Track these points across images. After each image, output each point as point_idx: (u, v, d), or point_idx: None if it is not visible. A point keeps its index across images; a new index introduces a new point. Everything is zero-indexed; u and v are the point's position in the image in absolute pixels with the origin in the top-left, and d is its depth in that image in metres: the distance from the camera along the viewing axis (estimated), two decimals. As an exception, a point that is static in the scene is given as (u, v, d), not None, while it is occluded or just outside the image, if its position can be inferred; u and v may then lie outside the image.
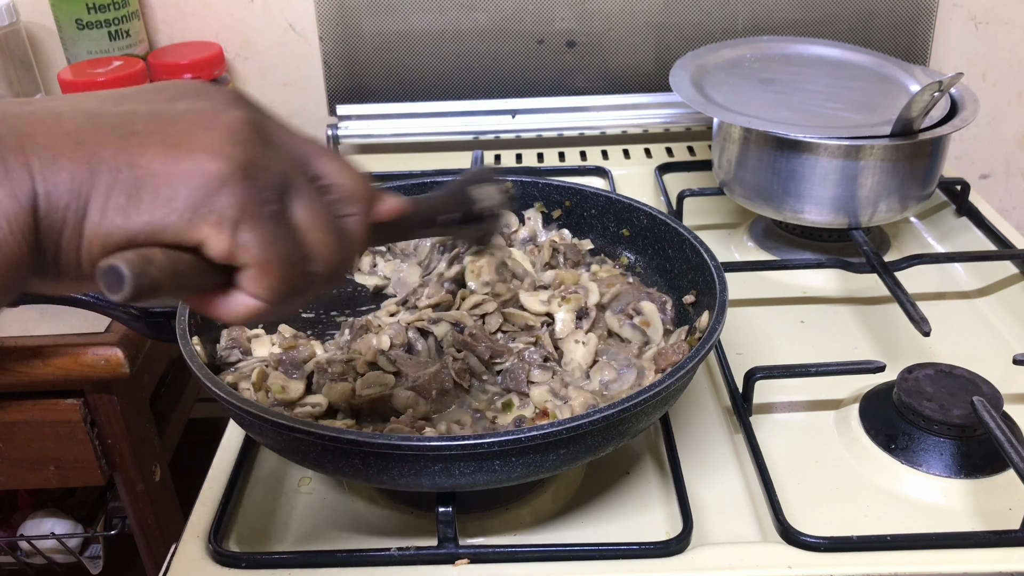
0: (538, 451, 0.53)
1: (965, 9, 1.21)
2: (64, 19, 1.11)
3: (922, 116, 0.83)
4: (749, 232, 1.01)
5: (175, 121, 0.35)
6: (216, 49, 1.17)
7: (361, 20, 1.17)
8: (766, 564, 0.58)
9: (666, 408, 0.63)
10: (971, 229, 0.98)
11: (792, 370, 0.72)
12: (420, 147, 1.20)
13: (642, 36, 1.18)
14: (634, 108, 1.18)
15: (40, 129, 0.33)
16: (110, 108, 0.35)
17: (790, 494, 0.64)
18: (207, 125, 0.36)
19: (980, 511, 0.63)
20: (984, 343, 0.82)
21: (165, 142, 0.35)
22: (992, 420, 0.62)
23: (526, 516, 0.64)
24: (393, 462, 0.53)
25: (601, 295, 0.71)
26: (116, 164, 0.34)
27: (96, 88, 1.00)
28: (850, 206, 0.87)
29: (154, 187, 0.34)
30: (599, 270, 0.76)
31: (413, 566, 0.59)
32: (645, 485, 0.67)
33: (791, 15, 1.17)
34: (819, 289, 0.90)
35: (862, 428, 0.69)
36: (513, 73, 1.20)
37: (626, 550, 0.59)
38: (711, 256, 0.69)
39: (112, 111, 0.35)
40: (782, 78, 0.97)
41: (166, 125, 0.35)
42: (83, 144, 0.33)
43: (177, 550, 0.61)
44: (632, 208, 0.78)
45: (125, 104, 0.36)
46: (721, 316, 0.61)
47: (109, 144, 0.34)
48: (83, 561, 1.06)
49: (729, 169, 0.94)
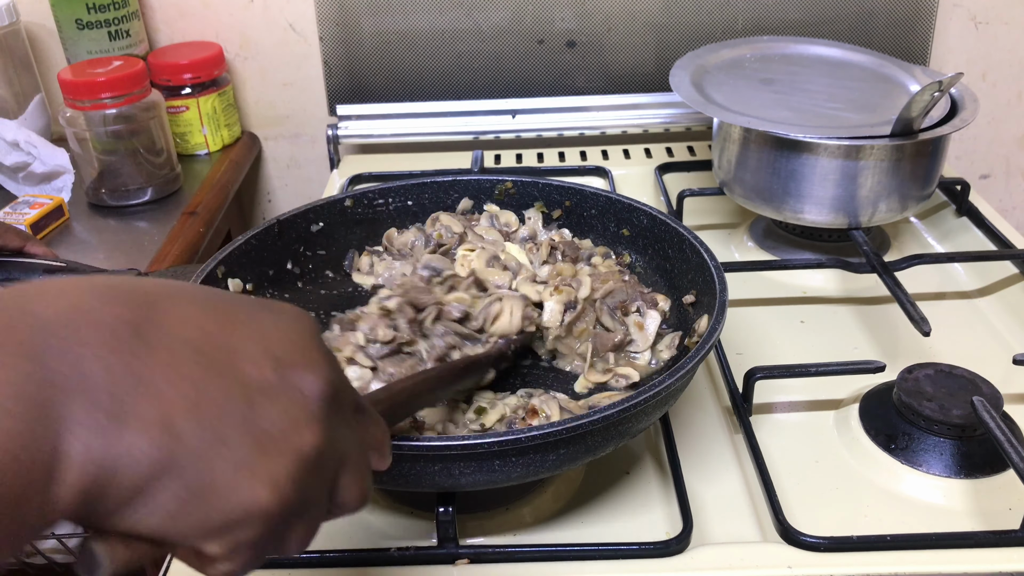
0: (538, 451, 0.53)
1: (965, 9, 1.21)
2: (64, 19, 1.11)
3: (922, 116, 0.83)
4: (749, 232, 1.01)
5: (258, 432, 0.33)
6: (216, 49, 1.17)
7: (361, 20, 1.17)
8: (766, 564, 0.58)
9: (666, 408, 0.63)
10: (971, 229, 0.98)
11: (792, 370, 0.72)
12: (420, 147, 1.20)
13: (642, 36, 1.18)
14: (634, 108, 1.18)
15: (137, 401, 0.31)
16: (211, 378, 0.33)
17: (790, 494, 0.64)
18: (282, 446, 0.34)
19: (980, 511, 0.63)
20: (984, 343, 0.82)
21: (239, 456, 0.33)
22: (992, 420, 0.62)
23: (526, 516, 0.64)
24: (393, 462, 0.53)
25: (593, 290, 0.71)
26: (197, 467, 0.31)
27: (97, 88, 1.00)
28: (850, 206, 0.87)
29: (208, 503, 0.32)
30: (600, 263, 0.76)
31: (413, 566, 0.59)
32: (645, 485, 0.67)
33: (791, 15, 1.17)
34: (819, 289, 0.90)
35: (862, 428, 0.69)
36: (513, 73, 1.20)
37: (626, 550, 0.59)
38: (711, 256, 0.69)
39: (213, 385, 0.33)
40: (782, 78, 0.97)
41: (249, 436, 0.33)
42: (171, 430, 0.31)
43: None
44: (632, 208, 0.78)
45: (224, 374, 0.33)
46: (721, 316, 0.61)
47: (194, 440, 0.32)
48: (83, 561, 1.05)
49: (729, 169, 0.94)
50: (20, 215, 0.98)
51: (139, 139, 1.05)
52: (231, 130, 1.21)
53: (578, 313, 0.69)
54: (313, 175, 1.32)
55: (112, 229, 1.04)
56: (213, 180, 1.14)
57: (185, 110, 1.15)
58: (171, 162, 1.10)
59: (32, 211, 0.99)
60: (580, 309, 0.70)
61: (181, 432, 0.31)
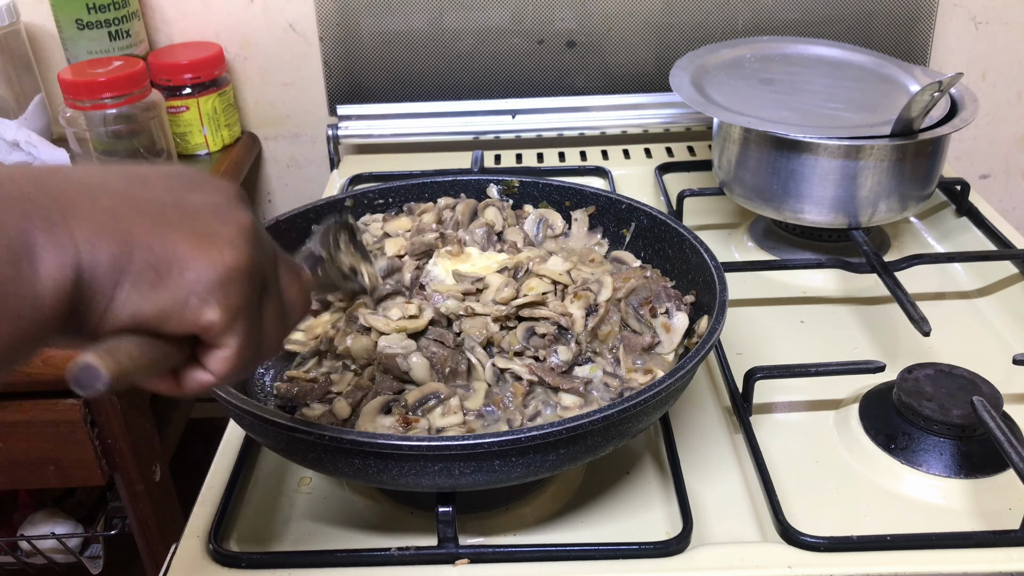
0: (538, 451, 0.53)
1: (965, 9, 1.21)
2: (64, 19, 1.11)
3: (922, 116, 0.83)
4: (749, 232, 1.01)
5: (198, 213, 0.39)
6: (216, 49, 1.17)
7: (361, 20, 1.17)
8: (766, 564, 0.58)
9: (666, 408, 0.63)
10: (971, 229, 0.98)
11: (792, 370, 0.72)
12: (420, 147, 1.20)
13: (642, 36, 1.18)
14: (634, 108, 1.18)
15: (80, 203, 0.36)
16: (137, 192, 0.39)
17: (790, 494, 0.64)
18: (225, 220, 0.40)
19: (980, 511, 0.63)
20: (984, 343, 0.82)
21: (193, 230, 0.38)
22: (992, 420, 0.62)
23: (526, 516, 0.64)
24: (393, 462, 0.53)
25: (615, 290, 0.70)
26: (150, 245, 0.37)
27: (97, 88, 1.00)
28: (850, 206, 0.87)
29: (180, 269, 0.37)
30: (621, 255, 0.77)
31: (413, 566, 0.59)
32: (645, 485, 0.67)
33: (791, 15, 1.17)
34: (819, 289, 0.90)
35: (862, 428, 0.69)
36: (513, 73, 1.20)
37: (626, 550, 0.59)
38: (711, 256, 0.69)
39: (141, 195, 0.38)
40: (782, 78, 0.97)
41: (191, 216, 0.39)
42: (120, 223, 0.36)
43: (177, 550, 0.61)
44: (632, 208, 0.78)
45: (149, 190, 0.39)
46: (721, 316, 0.61)
47: (144, 226, 0.37)
48: (83, 561, 1.06)
49: (729, 169, 0.94)
50: (20, 215, 0.98)
51: (139, 139, 1.05)
52: (231, 130, 1.21)
53: (601, 316, 0.67)
54: (313, 175, 1.32)
55: (112, 229, 1.04)
56: (213, 180, 1.14)
57: (185, 110, 1.15)
58: (171, 162, 1.10)
59: (32, 211, 0.98)
60: (603, 312, 0.68)
61: (125, 218, 0.37)
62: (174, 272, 0.37)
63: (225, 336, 0.39)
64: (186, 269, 0.37)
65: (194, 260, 0.38)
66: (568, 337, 0.66)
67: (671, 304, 0.69)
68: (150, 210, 0.38)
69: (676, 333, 0.67)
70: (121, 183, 0.39)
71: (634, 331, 0.69)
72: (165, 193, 0.39)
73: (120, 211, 0.37)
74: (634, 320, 0.69)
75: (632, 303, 0.69)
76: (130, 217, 0.37)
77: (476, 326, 0.66)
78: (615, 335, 0.68)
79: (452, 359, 0.64)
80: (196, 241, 0.38)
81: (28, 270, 0.33)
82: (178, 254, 0.37)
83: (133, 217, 0.37)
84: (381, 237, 0.79)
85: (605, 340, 0.67)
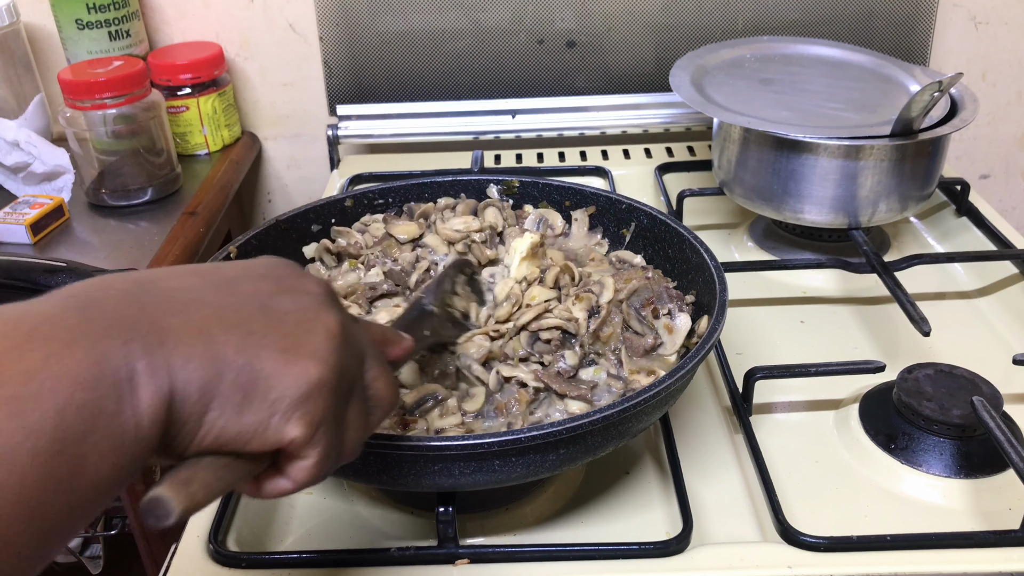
0: (538, 451, 0.53)
1: (965, 9, 1.21)
2: (64, 19, 1.11)
3: (922, 116, 0.83)
4: (749, 232, 1.01)
5: (283, 322, 0.39)
6: (216, 49, 1.17)
7: (361, 20, 1.17)
8: (766, 564, 0.58)
9: (666, 408, 0.63)
10: (971, 229, 0.98)
11: (792, 370, 0.72)
12: (420, 147, 1.20)
13: (642, 36, 1.18)
14: (634, 108, 1.18)
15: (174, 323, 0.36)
16: (225, 299, 0.39)
17: (790, 494, 0.64)
18: (310, 328, 0.40)
19: (980, 511, 0.63)
20: (984, 343, 0.82)
21: (277, 345, 0.38)
22: (992, 420, 0.62)
23: (526, 516, 0.64)
24: (393, 462, 0.53)
25: (616, 291, 0.70)
26: (238, 365, 0.37)
27: (97, 88, 1.00)
28: (850, 206, 0.87)
29: (266, 389, 0.37)
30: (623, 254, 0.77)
31: (413, 566, 0.59)
32: (645, 485, 0.67)
33: (791, 15, 1.17)
34: (819, 289, 0.90)
35: (862, 428, 0.69)
36: (513, 73, 1.20)
37: (626, 550, 0.59)
38: (711, 256, 0.69)
39: (228, 303, 0.39)
40: (782, 78, 0.97)
41: (277, 325, 0.39)
42: (211, 343, 0.36)
43: (177, 550, 0.61)
44: (632, 208, 0.78)
45: (237, 296, 0.39)
46: (721, 316, 0.61)
47: (231, 343, 0.37)
48: (83, 561, 1.06)
49: (729, 169, 0.94)
50: (20, 215, 0.98)
51: (139, 139, 1.05)
52: (231, 130, 1.21)
53: (603, 318, 0.67)
54: (313, 175, 1.32)
55: (112, 229, 1.04)
56: (213, 180, 1.14)
57: (185, 110, 1.15)
58: (171, 162, 1.10)
59: (32, 211, 0.99)
60: (605, 313, 0.68)
61: (216, 338, 0.36)
62: (259, 391, 0.37)
63: (307, 448, 0.39)
64: (271, 388, 0.37)
65: (279, 377, 0.37)
66: (573, 341, 0.66)
67: (673, 305, 0.69)
68: (238, 321, 0.38)
69: (679, 334, 0.67)
70: (212, 293, 0.39)
71: (636, 332, 0.69)
72: (252, 300, 0.39)
73: (211, 328, 0.37)
74: (636, 321, 0.68)
75: (634, 304, 0.69)
76: (220, 335, 0.37)
77: (471, 345, 0.65)
78: (617, 337, 0.68)
79: (441, 361, 0.64)
80: (281, 356, 0.38)
81: (130, 399, 0.34)
82: (264, 371, 0.37)
83: (222, 335, 0.37)
84: (382, 237, 0.79)
85: (607, 342, 0.67)
